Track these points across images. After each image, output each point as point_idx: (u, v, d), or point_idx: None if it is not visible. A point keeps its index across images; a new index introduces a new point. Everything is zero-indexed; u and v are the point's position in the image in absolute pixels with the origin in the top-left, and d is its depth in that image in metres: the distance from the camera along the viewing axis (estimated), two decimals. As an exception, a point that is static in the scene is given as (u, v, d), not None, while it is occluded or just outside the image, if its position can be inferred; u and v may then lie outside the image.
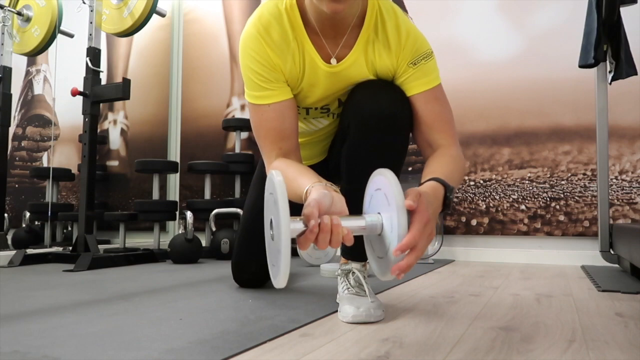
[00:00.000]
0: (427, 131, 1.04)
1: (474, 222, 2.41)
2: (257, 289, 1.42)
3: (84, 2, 2.34)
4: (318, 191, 0.77)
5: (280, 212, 0.66)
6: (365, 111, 1.04)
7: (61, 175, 3.18)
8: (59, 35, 2.68)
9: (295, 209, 0.75)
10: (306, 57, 1.03)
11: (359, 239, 0.81)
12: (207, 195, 2.70)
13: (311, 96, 1.08)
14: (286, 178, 0.87)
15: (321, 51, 1.04)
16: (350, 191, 1.04)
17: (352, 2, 0.94)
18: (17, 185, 3.88)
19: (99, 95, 2.24)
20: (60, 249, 2.40)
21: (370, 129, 1.04)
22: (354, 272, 1.12)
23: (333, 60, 1.04)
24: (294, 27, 1.02)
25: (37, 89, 3.92)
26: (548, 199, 2.29)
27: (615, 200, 2.16)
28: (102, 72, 2.32)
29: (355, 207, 0.83)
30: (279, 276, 0.68)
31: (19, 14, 2.65)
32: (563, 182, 2.27)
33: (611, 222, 2.03)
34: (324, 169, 1.28)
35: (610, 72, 1.95)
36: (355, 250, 1.12)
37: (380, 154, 1.05)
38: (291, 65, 1.03)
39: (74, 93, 2.16)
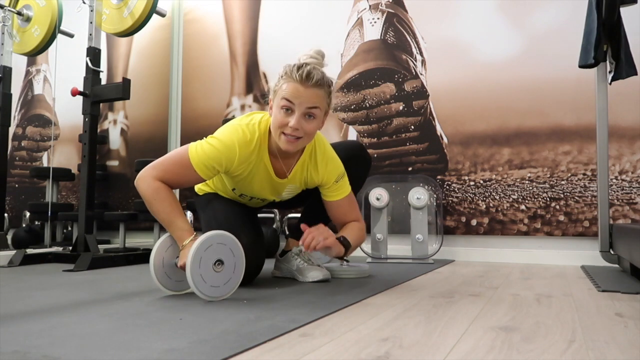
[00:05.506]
0: (343, 216, 1.60)
1: (474, 222, 2.41)
2: (250, 286, 1.42)
3: (84, 2, 2.34)
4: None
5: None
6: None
7: (61, 175, 3.18)
8: (59, 35, 2.68)
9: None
10: (261, 168, 1.44)
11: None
12: (207, 195, 2.70)
13: (259, 192, 1.54)
14: (168, 208, 1.32)
15: (274, 167, 1.47)
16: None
17: (300, 145, 1.37)
18: (17, 185, 3.88)
19: (99, 95, 2.24)
20: (60, 249, 2.40)
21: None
22: (302, 251, 1.65)
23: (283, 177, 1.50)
24: (261, 148, 1.41)
25: (37, 89, 3.92)
26: (548, 199, 2.29)
27: (615, 200, 2.16)
28: (102, 72, 2.31)
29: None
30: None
31: (19, 13, 2.65)
32: (563, 182, 2.27)
33: (611, 222, 2.03)
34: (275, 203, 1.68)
35: (610, 72, 1.94)
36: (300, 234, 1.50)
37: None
38: (242, 169, 1.41)
39: (74, 93, 2.16)
